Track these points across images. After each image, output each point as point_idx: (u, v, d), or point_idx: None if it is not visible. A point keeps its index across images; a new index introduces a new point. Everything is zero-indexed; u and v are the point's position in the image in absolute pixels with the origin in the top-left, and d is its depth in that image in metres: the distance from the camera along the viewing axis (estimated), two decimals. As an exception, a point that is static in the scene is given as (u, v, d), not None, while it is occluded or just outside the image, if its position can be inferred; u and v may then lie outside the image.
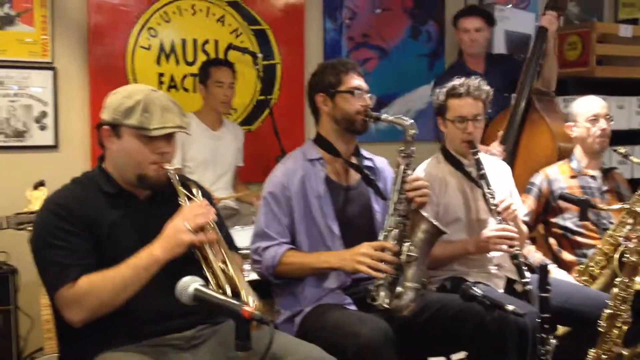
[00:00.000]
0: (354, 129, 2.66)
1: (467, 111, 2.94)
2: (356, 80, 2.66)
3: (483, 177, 2.89)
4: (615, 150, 3.43)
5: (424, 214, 2.50)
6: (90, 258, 2.06)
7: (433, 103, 3.08)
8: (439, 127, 3.08)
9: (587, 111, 3.43)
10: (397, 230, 2.48)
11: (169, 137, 2.17)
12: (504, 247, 2.80)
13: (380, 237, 2.52)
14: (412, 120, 2.58)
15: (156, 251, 2.06)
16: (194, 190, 2.27)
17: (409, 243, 2.45)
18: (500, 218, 2.83)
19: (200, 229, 2.10)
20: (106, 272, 2.03)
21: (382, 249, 2.45)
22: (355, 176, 2.72)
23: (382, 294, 2.42)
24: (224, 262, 2.12)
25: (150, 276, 2.05)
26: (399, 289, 2.41)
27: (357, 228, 2.67)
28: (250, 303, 2.02)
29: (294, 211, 2.59)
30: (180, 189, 2.21)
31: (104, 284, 2.01)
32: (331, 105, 2.66)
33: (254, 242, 2.60)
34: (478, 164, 2.92)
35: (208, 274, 2.11)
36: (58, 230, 2.06)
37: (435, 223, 2.47)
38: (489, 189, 2.87)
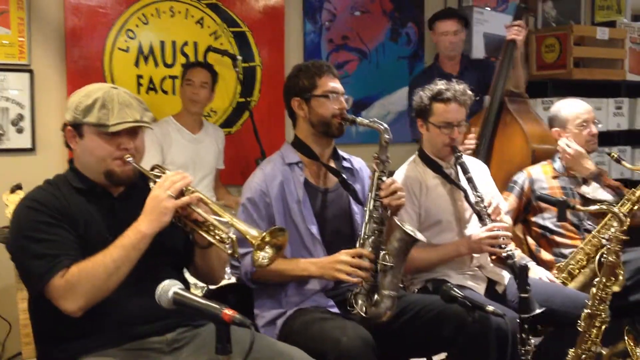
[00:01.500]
0: (330, 132, 2.65)
1: (453, 117, 2.93)
2: (331, 83, 2.64)
3: (470, 180, 2.90)
4: (608, 154, 3.46)
5: (398, 222, 2.47)
6: (76, 250, 2.04)
7: (414, 103, 3.06)
8: (419, 128, 3.08)
9: (576, 117, 3.44)
10: (373, 237, 2.48)
11: (131, 133, 2.15)
12: (496, 248, 2.81)
13: (357, 244, 2.51)
14: (387, 126, 2.57)
15: (142, 226, 2.03)
16: (164, 171, 2.23)
17: (384, 252, 2.44)
18: (489, 220, 2.84)
19: (181, 193, 2.07)
20: (95, 257, 2.00)
21: (360, 256, 2.45)
22: (333, 179, 2.72)
23: (359, 302, 2.43)
24: (217, 214, 2.08)
25: (139, 254, 2.03)
26: (376, 297, 2.41)
27: (336, 231, 2.67)
28: (255, 233, 2.02)
29: (274, 217, 2.58)
30: (149, 172, 2.18)
31: (95, 268, 1.98)
32: (307, 109, 2.64)
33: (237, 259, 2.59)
34: (463, 167, 2.93)
35: (207, 236, 2.09)
36: (40, 224, 2.04)
37: (409, 231, 2.45)
38: (476, 192, 2.88)
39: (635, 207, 3.23)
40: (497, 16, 5.17)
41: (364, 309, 2.41)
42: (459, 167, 2.98)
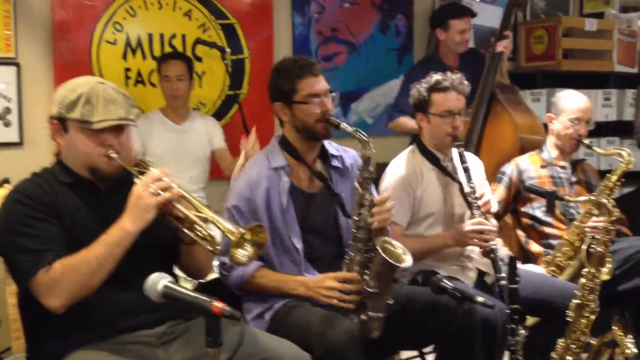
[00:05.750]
0: (315, 136, 2.59)
1: (454, 105, 2.93)
2: (312, 85, 2.54)
3: (466, 170, 2.90)
4: (578, 141, 3.47)
5: (380, 248, 2.37)
6: (62, 244, 2.04)
7: (411, 99, 3.04)
8: (418, 122, 3.06)
9: (572, 111, 3.44)
10: (359, 257, 2.46)
11: (116, 130, 2.14)
12: (482, 242, 2.82)
13: (343, 265, 2.50)
14: (369, 139, 2.48)
15: (126, 224, 2.03)
16: (148, 167, 2.22)
17: (368, 276, 2.40)
18: (479, 212, 2.85)
19: (163, 190, 2.06)
20: (79, 254, 2.00)
21: (346, 280, 2.44)
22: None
23: (350, 316, 2.41)
24: (198, 210, 2.08)
25: (123, 252, 2.02)
26: (363, 317, 2.39)
27: (322, 235, 2.63)
28: (233, 229, 2.00)
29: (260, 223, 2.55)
30: (133, 168, 2.17)
31: (78, 265, 1.98)
32: (290, 114, 2.58)
33: (221, 256, 2.56)
34: (462, 157, 2.93)
35: (189, 232, 2.09)
36: (26, 218, 2.04)
37: (392, 261, 2.35)
38: (470, 183, 2.89)
39: (614, 192, 3.27)
40: (486, 8, 5.17)
41: (354, 320, 2.40)
42: (456, 160, 2.97)
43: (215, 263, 2.67)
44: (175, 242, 2.26)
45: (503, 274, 2.73)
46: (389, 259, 2.33)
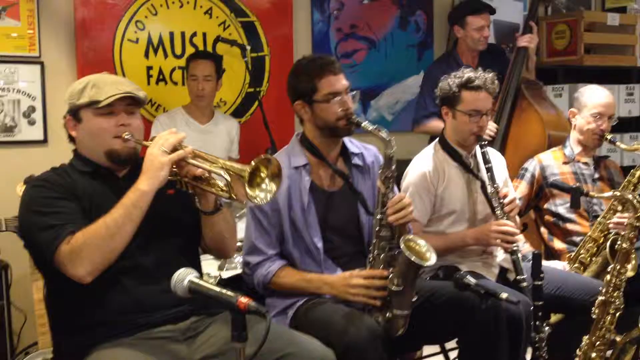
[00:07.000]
0: (337, 134, 2.59)
1: (483, 105, 2.91)
2: (332, 84, 2.52)
3: (489, 170, 2.89)
4: (601, 136, 3.43)
5: (404, 246, 2.34)
6: (82, 219, 2.06)
7: (440, 91, 2.99)
8: (443, 116, 3.04)
9: (595, 106, 3.41)
10: (383, 255, 2.45)
11: (128, 110, 2.18)
12: (504, 243, 2.80)
13: (367, 263, 2.49)
14: (391, 137, 2.46)
15: (141, 184, 2.05)
16: None
17: (392, 274, 2.40)
18: (502, 213, 2.83)
19: (175, 149, 2.09)
20: (97, 221, 2.02)
21: (372, 277, 2.44)
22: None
23: (374, 314, 2.41)
24: (214, 162, 2.09)
25: (141, 213, 2.03)
26: (388, 314, 2.39)
27: (343, 233, 2.63)
28: (245, 168, 2.00)
29: (282, 222, 2.55)
30: (149, 142, 2.18)
31: (98, 231, 2.00)
32: (310, 113, 2.57)
33: (245, 255, 2.58)
34: (485, 157, 2.91)
35: (208, 188, 2.11)
36: (46, 199, 2.08)
37: (412, 258, 2.32)
38: (494, 183, 2.87)
39: (638, 188, 3.24)
40: (507, 3, 5.14)
41: (379, 318, 2.41)
42: (479, 157, 2.95)
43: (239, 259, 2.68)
44: (197, 221, 2.26)
45: (524, 275, 2.72)
46: (412, 258, 2.31)
